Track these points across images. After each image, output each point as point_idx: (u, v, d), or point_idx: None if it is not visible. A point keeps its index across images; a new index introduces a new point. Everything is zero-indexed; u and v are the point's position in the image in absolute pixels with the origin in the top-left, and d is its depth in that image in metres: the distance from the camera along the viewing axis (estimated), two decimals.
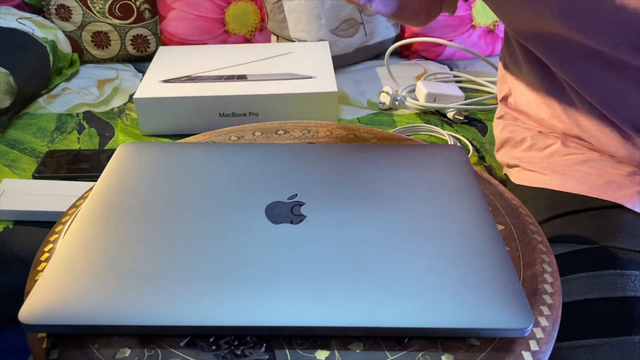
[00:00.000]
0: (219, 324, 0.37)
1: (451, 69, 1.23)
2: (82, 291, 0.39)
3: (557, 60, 0.61)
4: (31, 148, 0.93)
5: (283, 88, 0.97)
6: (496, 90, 0.86)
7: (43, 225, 0.76)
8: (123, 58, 1.28)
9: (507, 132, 0.77)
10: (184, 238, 0.43)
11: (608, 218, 0.58)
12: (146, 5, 1.24)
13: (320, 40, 1.19)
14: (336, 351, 0.38)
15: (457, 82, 1.16)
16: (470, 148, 0.93)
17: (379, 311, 0.37)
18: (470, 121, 1.02)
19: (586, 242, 0.57)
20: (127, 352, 0.38)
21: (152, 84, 0.99)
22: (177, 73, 1.04)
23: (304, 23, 1.18)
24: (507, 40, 0.74)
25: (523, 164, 0.72)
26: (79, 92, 1.13)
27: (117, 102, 1.09)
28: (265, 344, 0.38)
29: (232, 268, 0.40)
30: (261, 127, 0.64)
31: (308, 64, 1.07)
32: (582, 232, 0.58)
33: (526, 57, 0.68)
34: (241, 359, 0.38)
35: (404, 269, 0.40)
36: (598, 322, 0.51)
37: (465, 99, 1.05)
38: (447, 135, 0.95)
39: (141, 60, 1.28)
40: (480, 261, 0.41)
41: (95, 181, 0.68)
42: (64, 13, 1.21)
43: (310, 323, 0.37)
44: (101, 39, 1.24)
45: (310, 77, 1.01)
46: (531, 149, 0.72)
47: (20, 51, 1.06)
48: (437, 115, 1.04)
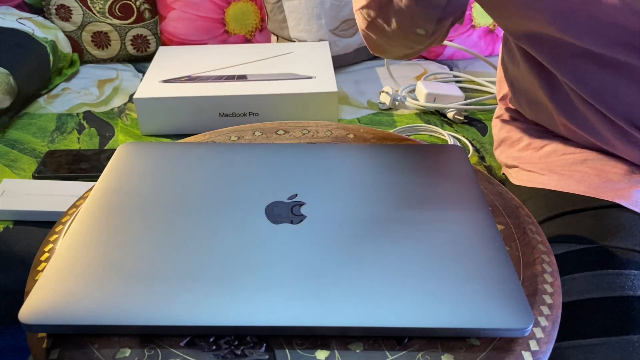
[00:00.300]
0: (219, 324, 0.37)
1: (451, 69, 1.23)
2: (82, 291, 0.39)
3: (551, 59, 0.61)
4: (31, 148, 0.93)
5: (283, 88, 0.97)
6: (495, 90, 0.86)
7: (43, 225, 0.76)
8: (123, 58, 1.28)
9: (505, 132, 0.77)
10: (184, 238, 0.43)
11: (607, 217, 0.58)
12: (146, 5, 1.24)
13: (320, 40, 1.19)
14: (336, 351, 0.38)
15: (457, 82, 1.16)
16: (470, 148, 0.93)
17: (379, 311, 0.37)
18: (470, 121, 1.02)
19: (585, 242, 0.57)
20: (127, 352, 0.38)
21: (152, 84, 0.99)
22: (177, 73, 1.04)
23: (304, 23, 1.18)
24: (506, 38, 0.74)
25: (521, 165, 0.72)
26: (79, 92, 1.13)
27: (117, 102, 1.09)
28: (265, 344, 0.39)
29: (232, 268, 0.40)
30: (261, 127, 0.64)
31: (308, 64, 1.07)
32: (581, 232, 0.58)
33: (523, 55, 0.68)
34: (241, 359, 0.38)
35: (404, 269, 0.40)
36: (597, 322, 0.51)
37: (465, 99, 1.05)
38: (447, 135, 0.95)
39: (141, 60, 1.28)
40: (480, 261, 0.41)
41: (95, 181, 0.68)
42: (64, 13, 1.21)
43: (310, 323, 0.37)
44: (101, 39, 1.24)
45: (310, 77, 1.01)
46: (528, 148, 0.72)
47: (20, 51, 1.06)
48: (437, 115, 1.04)
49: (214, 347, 0.38)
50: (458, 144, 0.76)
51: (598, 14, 0.52)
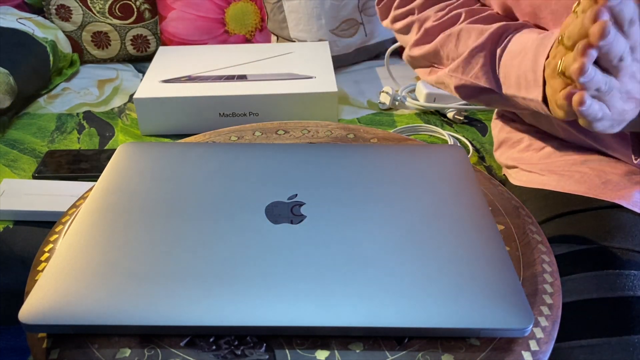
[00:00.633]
0: (219, 324, 0.37)
1: None
2: (82, 291, 0.39)
3: None
4: (31, 148, 0.93)
5: (283, 88, 0.97)
6: None
7: (43, 225, 0.76)
8: (123, 58, 1.28)
9: (505, 133, 0.77)
10: (184, 238, 0.43)
11: (607, 218, 0.58)
12: (146, 5, 1.25)
13: (320, 40, 1.19)
14: (336, 351, 0.38)
15: None
16: (470, 148, 0.93)
17: (379, 311, 0.37)
18: (470, 121, 1.02)
19: (585, 243, 0.57)
20: (127, 352, 0.38)
21: (152, 84, 0.99)
22: (177, 73, 1.04)
23: (304, 23, 1.18)
24: None
25: (521, 165, 0.72)
26: (79, 92, 1.13)
27: (117, 102, 1.09)
28: (265, 344, 0.39)
29: (232, 268, 0.40)
30: (261, 127, 0.64)
31: (308, 64, 1.07)
32: (581, 233, 0.58)
33: None
34: (241, 359, 0.38)
35: (404, 269, 0.40)
36: (598, 322, 0.51)
37: None
38: (447, 135, 0.95)
39: (141, 60, 1.28)
40: (480, 261, 0.41)
41: (95, 181, 0.68)
42: (64, 13, 1.21)
43: (310, 323, 0.37)
44: (101, 39, 1.24)
45: (310, 77, 1.01)
46: (528, 149, 0.72)
47: (20, 51, 1.06)
48: (437, 115, 1.04)
49: (214, 347, 0.38)
50: (458, 144, 0.76)
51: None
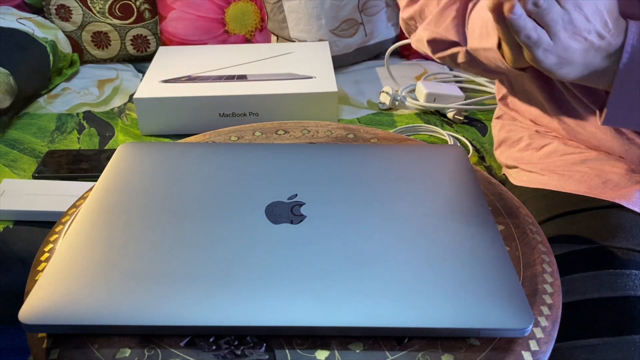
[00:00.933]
0: (219, 324, 0.37)
1: (451, 69, 1.23)
2: (82, 291, 0.39)
3: None
4: (31, 148, 0.93)
5: (283, 88, 0.97)
6: (495, 90, 0.86)
7: (43, 225, 0.76)
8: (123, 58, 1.28)
9: (505, 132, 0.77)
10: (184, 238, 0.43)
11: (607, 218, 0.58)
12: (146, 5, 1.24)
13: (320, 40, 1.19)
14: (336, 351, 0.38)
15: (457, 82, 1.16)
16: (470, 148, 0.93)
17: (379, 311, 0.37)
18: (470, 121, 1.02)
19: (585, 242, 0.57)
20: (127, 352, 0.38)
21: (152, 84, 0.99)
22: (177, 73, 1.04)
23: (304, 23, 1.18)
24: None
25: (521, 165, 0.72)
26: (79, 92, 1.13)
27: (117, 102, 1.09)
28: (265, 344, 0.39)
29: (232, 268, 0.40)
30: (261, 127, 0.64)
31: (308, 64, 1.07)
32: (581, 232, 0.58)
33: None
34: (241, 359, 0.38)
35: (404, 269, 0.40)
36: (598, 322, 0.51)
37: (465, 99, 1.05)
38: (447, 135, 0.95)
39: (141, 60, 1.28)
40: (480, 261, 0.41)
41: (95, 181, 0.68)
42: (64, 13, 1.21)
43: (310, 323, 0.37)
44: (101, 39, 1.24)
45: (310, 77, 1.01)
46: (528, 149, 0.72)
47: (20, 51, 1.06)
48: (437, 115, 1.04)
49: (214, 347, 0.38)
50: (458, 144, 0.76)
51: None
